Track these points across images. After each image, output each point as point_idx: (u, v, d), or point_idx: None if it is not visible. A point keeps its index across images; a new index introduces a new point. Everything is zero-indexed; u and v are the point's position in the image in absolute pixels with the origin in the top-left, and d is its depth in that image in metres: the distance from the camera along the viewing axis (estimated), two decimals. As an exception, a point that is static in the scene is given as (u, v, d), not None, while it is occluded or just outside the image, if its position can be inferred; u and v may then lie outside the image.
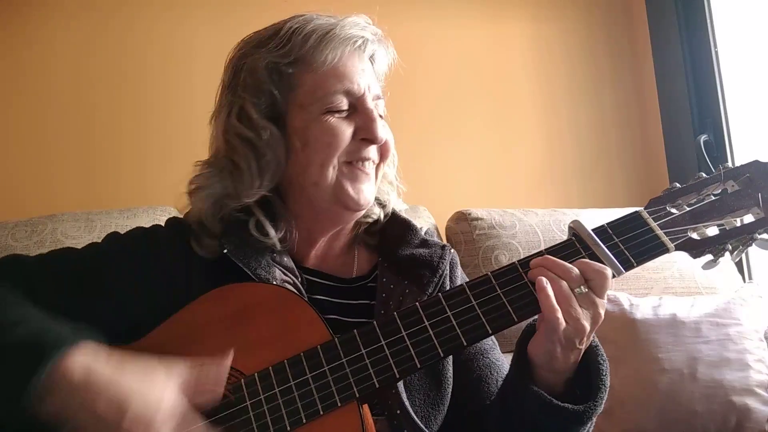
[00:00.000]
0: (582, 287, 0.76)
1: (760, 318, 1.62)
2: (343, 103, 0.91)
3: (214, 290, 0.81)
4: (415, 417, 0.84)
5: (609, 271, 0.76)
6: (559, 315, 0.74)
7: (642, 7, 2.42)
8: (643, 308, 1.58)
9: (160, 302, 0.82)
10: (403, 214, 1.04)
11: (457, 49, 2.26)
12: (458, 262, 1.06)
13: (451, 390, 0.93)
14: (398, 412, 0.83)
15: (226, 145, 0.92)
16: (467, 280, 1.04)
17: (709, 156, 2.14)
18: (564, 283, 0.75)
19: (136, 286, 0.86)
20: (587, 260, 0.78)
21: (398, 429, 0.83)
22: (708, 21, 2.22)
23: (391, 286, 0.94)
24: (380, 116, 0.95)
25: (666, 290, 1.73)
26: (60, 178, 1.83)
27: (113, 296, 0.86)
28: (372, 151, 0.93)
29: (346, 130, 0.91)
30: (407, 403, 0.84)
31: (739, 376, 1.49)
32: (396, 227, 1.02)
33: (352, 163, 0.92)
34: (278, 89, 0.91)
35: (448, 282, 0.99)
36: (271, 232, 0.90)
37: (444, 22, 2.25)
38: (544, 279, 0.76)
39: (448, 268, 0.99)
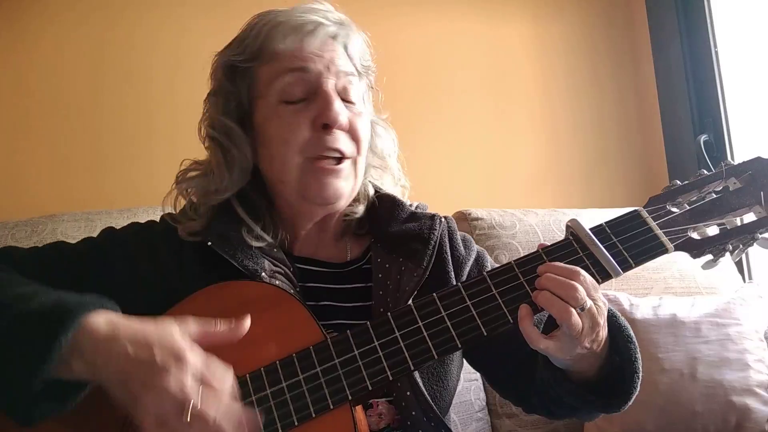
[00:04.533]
0: (585, 303, 0.73)
1: (760, 318, 1.62)
2: (298, 90, 0.89)
3: (206, 288, 0.81)
4: (428, 398, 0.84)
5: (577, 273, 0.74)
6: (576, 320, 0.73)
7: (642, 7, 2.42)
8: (643, 308, 1.58)
9: (153, 298, 0.82)
10: (389, 191, 1.02)
11: (457, 48, 2.26)
12: (456, 230, 1.03)
13: (454, 366, 0.93)
14: (408, 393, 0.83)
15: (206, 149, 0.97)
16: (469, 239, 1.04)
17: (709, 156, 2.14)
18: (570, 308, 0.72)
19: (129, 282, 0.87)
20: (551, 264, 0.76)
21: (406, 411, 0.83)
22: (708, 21, 2.22)
23: (387, 266, 0.93)
24: (350, 102, 0.92)
25: (666, 290, 1.73)
26: (60, 178, 1.83)
27: (107, 291, 0.85)
28: (338, 141, 0.89)
29: (303, 122, 0.88)
30: (420, 383, 0.84)
31: (739, 376, 1.49)
32: (383, 205, 1.00)
33: (318, 158, 0.89)
34: (238, 87, 0.93)
35: (448, 251, 0.97)
36: (257, 229, 0.91)
37: (444, 22, 2.25)
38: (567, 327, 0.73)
39: (446, 236, 0.98)
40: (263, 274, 0.86)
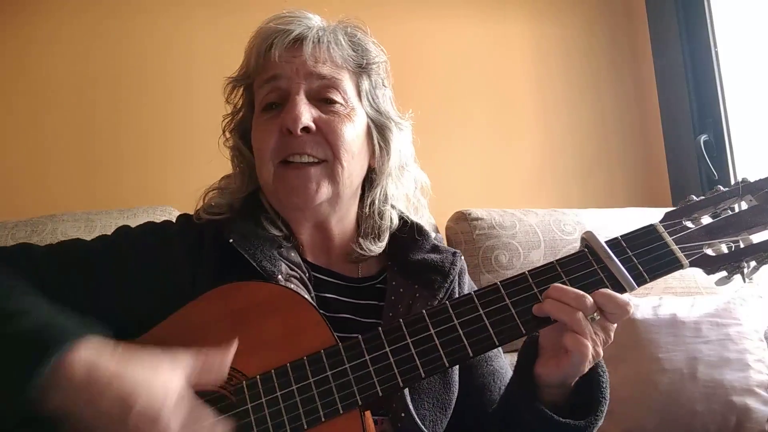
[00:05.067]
0: (595, 314, 0.74)
1: (760, 318, 1.62)
2: (273, 98, 0.92)
3: (218, 288, 0.80)
4: (418, 421, 0.84)
5: (632, 307, 0.75)
6: (590, 356, 0.74)
7: (642, 7, 2.42)
8: (643, 308, 1.58)
9: (167, 297, 0.82)
10: (414, 218, 1.03)
11: (457, 49, 2.26)
12: (466, 269, 1.06)
13: (456, 394, 0.92)
14: (402, 414, 0.83)
15: None
16: (474, 286, 1.05)
17: (709, 156, 2.14)
18: (581, 315, 0.73)
19: (144, 281, 0.87)
20: (611, 293, 0.75)
21: (402, 431, 0.83)
22: (708, 21, 2.22)
23: (401, 290, 0.94)
24: (331, 102, 0.92)
25: (666, 290, 1.73)
26: (60, 178, 1.83)
27: (120, 289, 0.86)
28: (304, 144, 0.89)
29: (273, 129, 0.91)
30: (411, 407, 0.84)
31: (739, 376, 1.49)
32: (406, 231, 1.01)
33: (286, 161, 0.90)
34: (244, 103, 1.00)
35: (457, 288, 0.99)
36: (277, 221, 0.95)
37: (444, 22, 2.25)
38: (582, 338, 0.73)
39: (458, 274, 0.99)
40: (279, 276, 0.86)
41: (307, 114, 0.89)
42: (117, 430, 0.62)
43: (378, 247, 0.98)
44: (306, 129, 0.89)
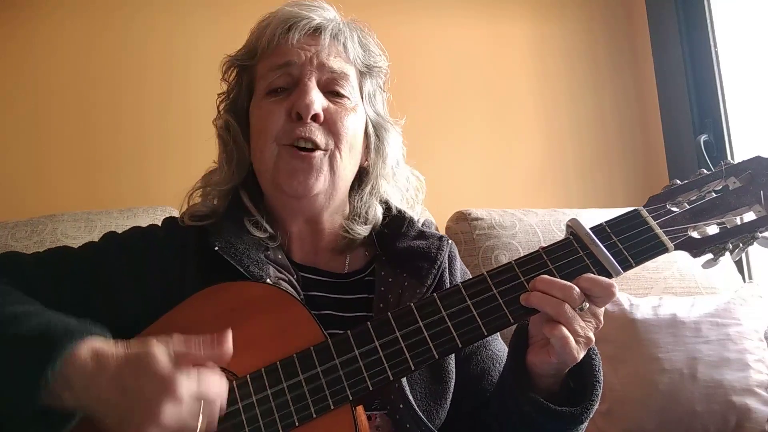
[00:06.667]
0: (584, 303, 0.74)
1: (760, 318, 1.62)
2: (281, 82, 0.92)
3: (207, 289, 0.81)
4: (418, 411, 0.84)
5: (616, 288, 0.75)
6: (574, 346, 0.73)
7: (642, 7, 2.42)
8: (643, 308, 1.58)
9: (155, 301, 0.82)
10: (399, 207, 1.03)
11: (457, 49, 2.26)
12: (457, 255, 1.05)
13: (453, 384, 0.92)
14: (401, 406, 0.83)
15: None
16: (467, 272, 1.04)
17: (709, 156, 2.14)
18: (567, 306, 0.73)
19: (132, 286, 0.87)
20: (594, 276, 0.75)
21: (401, 423, 0.83)
22: (708, 21, 2.22)
23: (390, 280, 0.94)
24: (339, 95, 0.93)
25: (666, 290, 1.73)
26: (60, 178, 1.83)
27: (109, 295, 0.86)
28: (311, 131, 0.89)
29: (280, 111, 0.91)
30: (411, 397, 0.84)
31: (739, 376, 1.49)
32: (392, 220, 1.01)
33: (290, 145, 0.90)
34: (241, 85, 0.98)
35: (447, 275, 0.98)
36: (260, 219, 0.93)
37: (444, 22, 2.26)
38: (562, 329, 0.73)
39: (446, 260, 0.98)
40: (268, 280, 0.86)
41: (318, 101, 0.90)
42: (143, 409, 0.62)
43: (364, 229, 0.98)
44: (315, 117, 0.89)
